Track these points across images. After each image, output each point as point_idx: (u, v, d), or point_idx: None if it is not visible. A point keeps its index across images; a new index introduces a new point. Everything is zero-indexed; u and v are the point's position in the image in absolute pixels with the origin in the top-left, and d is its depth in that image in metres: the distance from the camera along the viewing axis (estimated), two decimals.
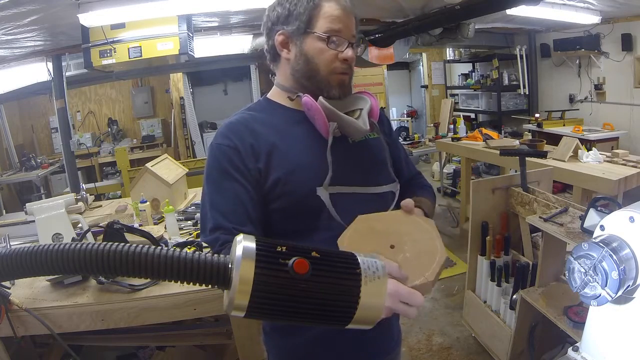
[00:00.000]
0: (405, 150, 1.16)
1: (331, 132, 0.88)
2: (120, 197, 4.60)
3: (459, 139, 4.17)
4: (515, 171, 2.35)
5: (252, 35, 3.89)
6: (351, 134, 0.93)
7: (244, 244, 0.47)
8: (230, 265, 0.47)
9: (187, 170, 2.83)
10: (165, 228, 2.09)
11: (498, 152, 2.67)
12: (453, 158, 5.53)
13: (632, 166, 2.72)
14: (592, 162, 2.86)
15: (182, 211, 2.37)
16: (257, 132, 0.90)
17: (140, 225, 2.17)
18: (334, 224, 0.89)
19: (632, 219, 0.58)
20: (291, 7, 0.92)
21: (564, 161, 2.93)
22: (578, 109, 4.86)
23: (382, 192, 0.97)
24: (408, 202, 0.87)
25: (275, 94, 1.00)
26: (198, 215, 2.24)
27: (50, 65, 3.58)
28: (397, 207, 0.95)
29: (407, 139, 5.02)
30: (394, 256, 0.76)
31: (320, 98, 0.88)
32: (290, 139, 0.92)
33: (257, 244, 0.48)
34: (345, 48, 0.91)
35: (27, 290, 1.55)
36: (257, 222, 0.88)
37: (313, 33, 0.90)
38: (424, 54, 7.27)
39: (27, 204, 1.74)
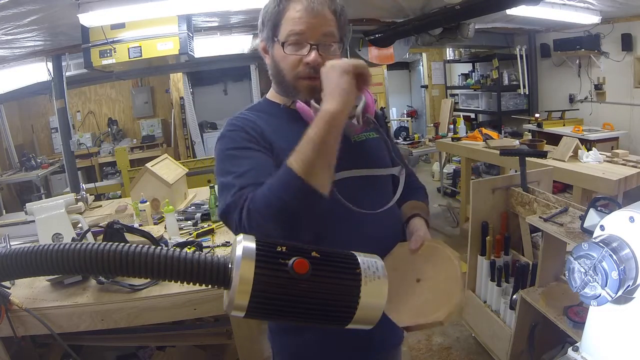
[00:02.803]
0: (399, 152, 1.17)
1: None
2: (120, 197, 4.60)
3: (459, 139, 4.17)
4: (515, 171, 2.35)
5: (252, 35, 3.90)
6: (345, 131, 0.92)
7: (244, 244, 0.47)
8: (230, 265, 0.47)
9: (187, 170, 2.83)
10: (165, 228, 2.09)
11: (498, 152, 2.68)
12: (453, 158, 5.53)
13: (632, 166, 2.73)
14: (592, 162, 2.86)
15: (182, 211, 2.37)
16: (262, 131, 0.91)
17: (140, 225, 2.17)
18: (344, 225, 0.90)
19: (632, 219, 0.58)
20: (264, 15, 0.93)
21: (564, 161, 2.93)
22: (578, 109, 4.86)
23: (385, 174, 0.99)
24: (416, 238, 0.93)
25: (273, 95, 1.01)
26: (198, 215, 2.24)
27: (50, 65, 3.59)
28: (404, 192, 1.00)
29: (407, 139, 5.02)
30: (419, 289, 0.84)
31: (312, 101, 0.88)
32: (292, 139, 0.91)
33: (257, 244, 0.48)
34: (308, 51, 0.88)
35: (27, 290, 1.55)
36: None
37: (276, 40, 0.90)
38: (424, 54, 7.27)
39: (27, 204, 1.74)
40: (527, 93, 5.34)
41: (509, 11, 3.37)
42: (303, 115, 0.90)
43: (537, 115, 4.79)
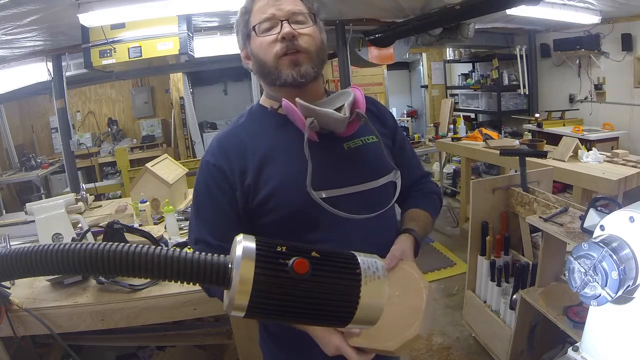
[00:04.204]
0: (412, 150, 1.13)
1: (307, 126, 0.85)
2: (120, 197, 4.60)
3: (459, 139, 4.17)
4: (515, 171, 2.35)
5: None
6: (332, 126, 0.89)
7: (243, 243, 0.47)
8: (230, 265, 0.47)
9: (187, 170, 2.83)
10: (165, 228, 2.09)
11: (498, 152, 2.68)
12: (453, 158, 5.53)
13: (632, 166, 2.72)
14: (592, 162, 2.85)
15: (182, 211, 2.37)
16: (246, 149, 0.91)
17: (140, 225, 2.17)
18: (329, 235, 0.89)
19: (632, 219, 0.58)
20: (236, 26, 0.97)
21: (564, 161, 2.93)
22: (578, 109, 4.86)
23: (380, 185, 0.95)
24: (391, 257, 0.88)
25: (263, 100, 1.01)
26: None
27: (50, 65, 3.58)
28: (400, 197, 0.96)
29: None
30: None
31: (297, 98, 0.87)
32: (279, 150, 0.91)
33: (257, 244, 0.47)
34: (281, 27, 0.88)
35: (27, 290, 1.55)
36: None
37: (250, 33, 0.92)
38: (424, 54, 7.27)
39: (27, 204, 1.74)
40: (527, 93, 5.33)
41: (509, 11, 3.36)
42: (289, 115, 0.88)
43: (537, 115, 4.78)
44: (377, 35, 4.14)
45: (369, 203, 0.91)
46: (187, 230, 2.12)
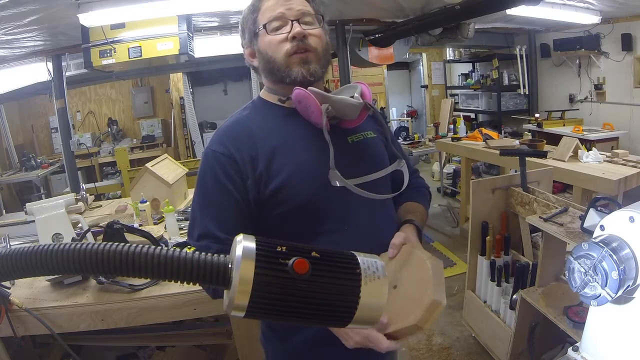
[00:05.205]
0: (402, 149, 1.15)
1: (324, 112, 0.86)
2: (120, 197, 4.61)
3: (459, 139, 4.17)
4: (515, 171, 2.35)
5: None
6: (345, 113, 0.91)
7: (243, 243, 0.47)
8: (230, 265, 0.47)
9: (187, 170, 2.83)
10: (165, 228, 2.09)
11: (498, 152, 2.68)
12: (453, 158, 5.53)
13: (632, 166, 2.72)
14: (592, 162, 2.85)
15: (182, 211, 2.37)
16: (255, 137, 0.90)
17: (140, 225, 2.17)
18: (340, 226, 0.90)
19: (632, 219, 0.58)
20: (242, 22, 0.98)
21: (564, 161, 2.93)
22: (578, 109, 4.86)
23: (385, 175, 0.97)
24: (392, 246, 0.88)
25: (266, 94, 1.01)
26: None
27: (50, 65, 3.58)
28: (404, 191, 0.98)
29: (407, 139, 5.02)
30: (394, 296, 0.81)
31: (310, 87, 0.88)
32: (289, 140, 0.91)
33: (257, 244, 0.47)
34: (291, 27, 0.89)
35: (27, 290, 1.55)
36: (249, 233, 0.88)
37: (259, 31, 0.93)
38: (424, 54, 7.27)
39: (27, 204, 1.74)
40: (527, 93, 5.34)
41: (509, 11, 3.36)
42: (303, 102, 0.89)
43: (537, 115, 4.79)
44: (377, 35, 4.14)
45: (376, 192, 0.92)
46: (186, 231, 2.12)
